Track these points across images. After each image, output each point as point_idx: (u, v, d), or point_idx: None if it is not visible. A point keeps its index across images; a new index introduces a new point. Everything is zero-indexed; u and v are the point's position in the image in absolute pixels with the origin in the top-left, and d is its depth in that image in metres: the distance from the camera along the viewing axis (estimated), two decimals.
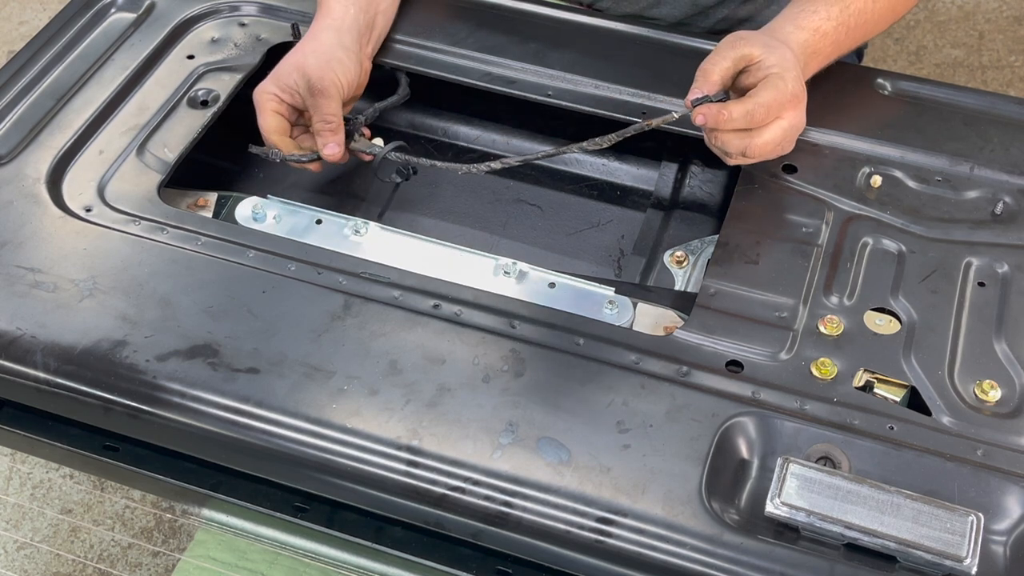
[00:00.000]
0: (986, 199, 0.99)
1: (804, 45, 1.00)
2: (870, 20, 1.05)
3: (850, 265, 0.93)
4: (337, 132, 1.02)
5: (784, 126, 0.95)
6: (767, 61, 0.95)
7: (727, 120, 0.93)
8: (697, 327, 0.88)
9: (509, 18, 1.17)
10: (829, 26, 1.01)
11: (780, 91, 0.94)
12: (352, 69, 1.05)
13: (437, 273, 0.93)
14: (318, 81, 1.02)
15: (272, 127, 1.03)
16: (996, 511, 0.77)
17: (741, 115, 0.93)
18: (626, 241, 1.13)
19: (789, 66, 0.95)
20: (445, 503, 0.78)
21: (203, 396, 0.83)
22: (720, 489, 0.79)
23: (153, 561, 1.68)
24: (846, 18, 1.02)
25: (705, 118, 0.93)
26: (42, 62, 1.10)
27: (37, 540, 1.71)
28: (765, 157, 0.97)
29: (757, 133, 0.94)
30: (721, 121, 0.93)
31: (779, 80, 0.94)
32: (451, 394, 0.83)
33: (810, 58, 1.01)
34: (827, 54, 1.03)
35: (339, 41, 1.05)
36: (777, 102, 0.94)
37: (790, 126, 0.96)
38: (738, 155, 0.96)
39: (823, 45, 1.01)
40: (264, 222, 1.01)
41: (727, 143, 0.95)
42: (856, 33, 1.04)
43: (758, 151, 0.95)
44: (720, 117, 0.92)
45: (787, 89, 0.94)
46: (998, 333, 0.88)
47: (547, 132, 1.20)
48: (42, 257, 0.93)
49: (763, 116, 0.93)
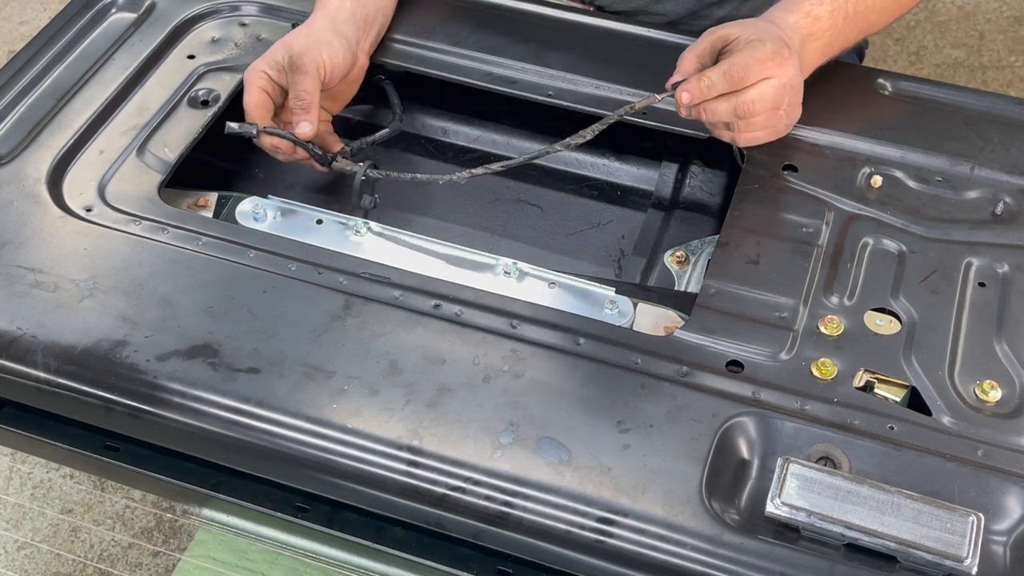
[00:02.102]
0: (986, 199, 0.99)
1: (795, 26, 1.00)
2: (872, 7, 1.04)
3: (850, 265, 0.93)
4: (309, 110, 1.01)
5: (774, 84, 0.94)
6: (744, 35, 0.96)
7: (708, 85, 0.93)
8: (697, 327, 0.88)
9: (509, 18, 1.18)
10: (822, 10, 1.01)
11: (757, 50, 0.94)
12: (340, 54, 1.04)
13: (437, 273, 0.93)
14: (298, 57, 1.01)
15: (256, 102, 1.02)
16: (996, 511, 0.77)
17: (719, 76, 0.93)
18: (626, 241, 1.13)
19: (768, 33, 0.95)
20: (445, 503, 0.78)
21: (203, 396, 0.83)
22: (720, 489, 0.79)
23: (153, 561, 1.67)
24: (842, 3, 1.02)
25: (689, 93, 0.94)
26: (42, 62, 1.10)
27: (37, 540, 1.71)
28: (758, 121, 0.96)
29: (743, 92, 0.94)
30: (703, 88, 0.94)
31: (756, 43, 0.94)
32: (451, 394, 0.83)
33: (806, 40, 1.00)
34: (827, 39, 1.02)
35: (332, 27, 1.05)
36: (756, 59, 0.93)
37: (781, 84, 0.95)
38: (732, 120, 0.96)
39: (818, 28, 1.01)
40: (264, 222, 1.01)
41: (716, 110, 0.95)
42: (858, 20, 1.04)
43: (747, 108, 0.94)
44: (700, 84, 0.93)
45: (766, 49, 0.94)
46: (998, 333, 0.88)
47: (547, 132, 1.20)
48: (42, 257, 0.93)
49: (742, 73, 0.93)
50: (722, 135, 0.99)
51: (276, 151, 1.04)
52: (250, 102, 1.03)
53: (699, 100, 0.95)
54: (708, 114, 0.96)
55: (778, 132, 1.00)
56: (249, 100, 1.03)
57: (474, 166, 1.20)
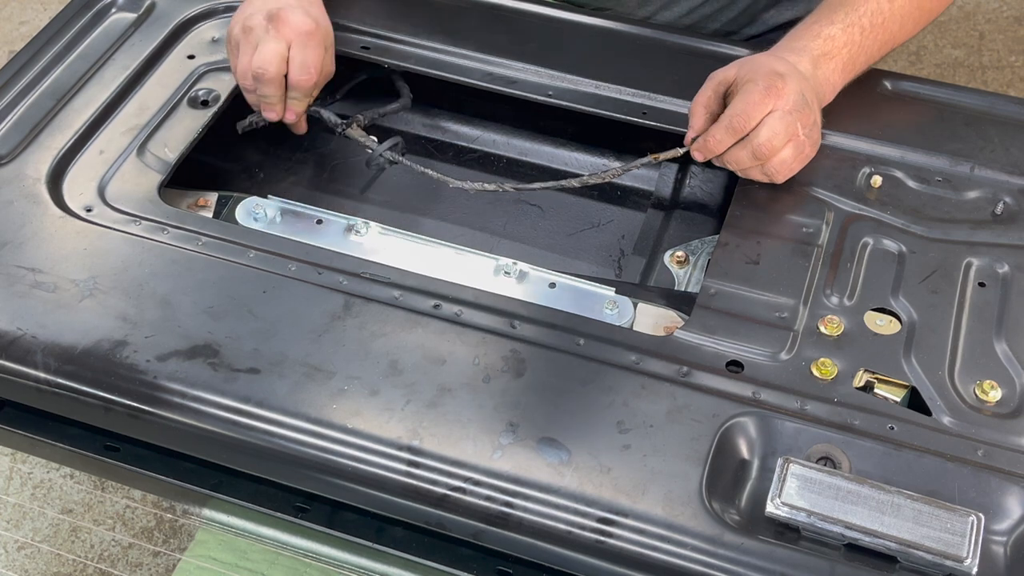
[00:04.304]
0: (986, 199, 0.99)
1: (803, 50, 1.01)
2: (892, 18, 1.04)
3: (850, 265, 0.93)
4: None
5: (779, 115, 0.95)
6: (740, 76, 0.97)
7: (716, 142, 0.96)
8: (697, 327, 0.88)
9: (509, 18, 1.18)
10: (834, 30, 1.02)
11: (750, 93, 0.94)
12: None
13: (437, 273, 0.93)
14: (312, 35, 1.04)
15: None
16: (996, 511, 0.77)
17: (724, 131, 0.95)
18: (626, 241, 1.13)
19: (760, 70, 0.96)
20: (446, 503, 0.78)
21: (203, 396, 0.83)
22: (720, 489, 0.79)
23: (154, 561, 1.67)
24: (856, 19, 1.02)
25: (701, 152, 0.98)
26: (42, 62, 1.10)
27: (37, 540, 1.71)
28: (783, 157, 0.96)
29: (753, 136, 0.95)
30: (712, 144, 0.96)
31: (749, 85, 0.95)
32: (451, 394, 0.83)
33: (819, 61, 1.01)
34: (846, 56, 1.02)
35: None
36: (752, 103, 0.94)
37: (785, 113, 0.95)
38: (757, 166, 0.97)
39: (833, 47, 1.01)
40: (264, 222, 1.01)
41: (737, 160, 0.97)
42: (877, 34, 1.04)
43: (765, 149, 0.95)
44: (709, 142, 0.96)
45: (758, 88, 0.94)
46: (998, 333, 0.88)
47: (547, 132, 1.20)
48: (42, 257, 0.93)
49: (744, 120, 0.94)
50: (759, 178, 0.99)
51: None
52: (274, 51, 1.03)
53: (712, 157, 0.98)
54: (733, 164, 0.98)
55: (808, 157, 0.99)
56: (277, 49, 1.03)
57: (474, 166, 1.20)
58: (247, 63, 1.03)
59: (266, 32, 1.01)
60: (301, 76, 1.03)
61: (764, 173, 0.98)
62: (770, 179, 0.99)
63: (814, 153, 1.00)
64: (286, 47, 1.02)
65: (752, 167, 0.97)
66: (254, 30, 1.02)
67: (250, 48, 1.02)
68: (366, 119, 1.10)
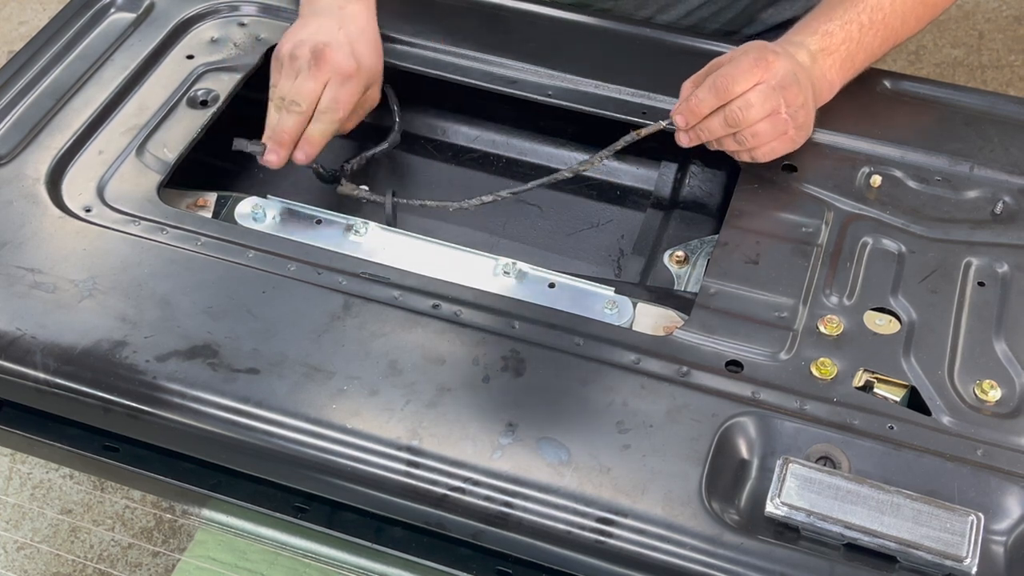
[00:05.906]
0: (986, 199, 0.99)
1: (800, 44, 1.01)
2: (893, 14, 1.04)
3: (850, 265, 0.93)
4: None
5: (762, 88, 0.94)
6: (733, 52, 0.97)
7: (698, 101, 0.95)
8: (697, 327, 0.88)
9: (509, 18, 1.18)
10: (832, 26, 1.02)
11: (740, 61, 0.94)
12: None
13: (437, 273, 0.93)
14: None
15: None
16: (996, 511, 0.77)
17: (707, 91, 0.94)
18: (626, 241, 1.13)
19: (753, 45, 0.96)
20: (445, 503, 0.78)
21: (203, 396, 0.83)
22: (720, 489, 0.79)
23: (153, 561, 1.67)
24: (855, 15, 1.02)
25: (683, 115, 0.96)
26: (42, 62, 1.10)
27: (37, 540, 1.71)
28: (757, 129, 0.95)
29: (733, 103, 0.94)
30: (693, 104, 0.95)
31: (739, 55, 0.95)
32: (451, 394, 0.83)
33: (817, 56, 1.01)
34: (845, 52, 1.02)
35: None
36: (740, 69, 0.94)
37: (770, 87, 0.94)
38: (728, 132, 0.96)
39: (831, 44, 1.01)
40: (264, 222, 1.01)
41: (711, 128, 0.96)
42: (877, 30, 1.03)
43: (736, 117, 0.94)
44: (691, 101, 0.95)
45: (748, 57, 0.94)
46: (998, 333, 0.88)
47: (547, 132, 1.20)
48: (42, 257, 0.93)
49: (727, 81, 0.93)
50: (741, 156, 0.99)
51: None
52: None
53: (693, 119, 0.96)
54: (706, 134, 0.97)
55: (793, 140, 0.98)
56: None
57: (473, 166, 1.20)
58: (284, 89, 1.03)
59: (308, 67, 1.02)
60: (326, 109, 1.03)
61: (737, 143, 0.97)
62: (750, 156, 0.98)
63: (802, 138, 0.99)
64: (322, 87, 1.03)
65: (726, 136, 0.96)
66: (298, 60, 1.03)
67: (291, 75, 1.03)
68: (355, 164, 1.10)
